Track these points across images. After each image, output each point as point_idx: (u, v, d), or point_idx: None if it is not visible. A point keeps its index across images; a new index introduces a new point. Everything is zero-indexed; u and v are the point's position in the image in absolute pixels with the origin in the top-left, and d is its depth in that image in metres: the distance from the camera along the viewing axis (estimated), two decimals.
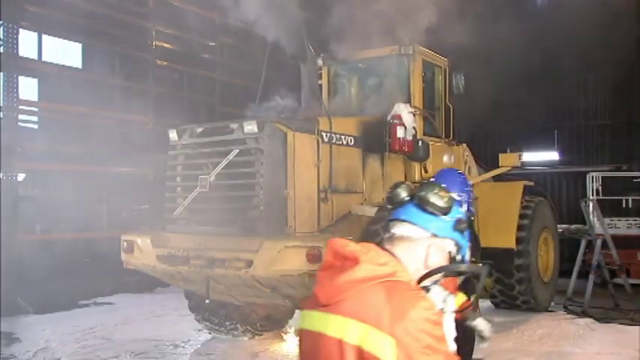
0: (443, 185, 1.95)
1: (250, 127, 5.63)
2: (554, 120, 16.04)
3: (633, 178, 13.15)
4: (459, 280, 3.20)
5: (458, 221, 1.90)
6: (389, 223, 1.94)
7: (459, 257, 1.93)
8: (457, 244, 1.91)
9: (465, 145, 8.70)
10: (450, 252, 1.91)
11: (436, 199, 1.86)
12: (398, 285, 1.70)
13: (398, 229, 1.90)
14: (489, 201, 8.47)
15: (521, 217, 8.68)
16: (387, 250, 1.85)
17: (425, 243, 1.86)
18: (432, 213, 1.86)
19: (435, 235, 1.87)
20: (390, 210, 1.98)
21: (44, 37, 11.87)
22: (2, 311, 8.26)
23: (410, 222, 1.88)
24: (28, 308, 8.92)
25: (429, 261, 1.86)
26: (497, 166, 8.75)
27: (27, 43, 10.91)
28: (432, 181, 2.03)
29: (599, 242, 9.31)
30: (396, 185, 1.99)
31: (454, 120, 8.19)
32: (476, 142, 9.72)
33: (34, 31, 11.35)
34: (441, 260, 1.88)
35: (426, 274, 1.86)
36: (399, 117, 6.94)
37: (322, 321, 1.72)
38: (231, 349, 6.87)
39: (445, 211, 1.87)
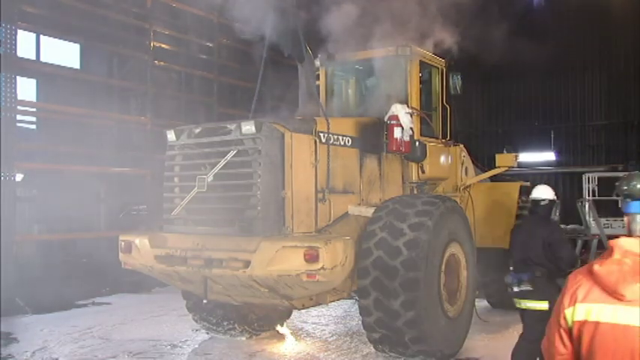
0: None
1: (248, 127, 5.66)
2: (550, 121, 16.10)
3: None
4: None
5: None
6: (635, 216, 2.06)
7: None
8: None
9: (462, 145, 8.74)
10: None
11: None
12: None
13: None
14: (486, 201, 8.52)
15: (518, 217, 8.72)
16: None
17: None
18: None
19: None
20: (625, 202, 2.10)
21: (42, 37, 11.89)
22: (1, 311, 8.27)
23: None
24: (27, 308, 8.94)
25: None
26: (494, 167, 8.79)
27: (25, 43, 10.93)
28: None
29: (595, 242, 9.37)
30: (631, 177, 2.10)
31: (451, 120, 8.23)
32: (472, 142, 9.75)
33: (33, 31, 11.37)
34: None
35: None
36: (396, 118, 6.98)
37: (628, 314, 1.88)
38: (228, 349, 6.89)
39: None
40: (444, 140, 8.08)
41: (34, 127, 12.70)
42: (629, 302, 1.89)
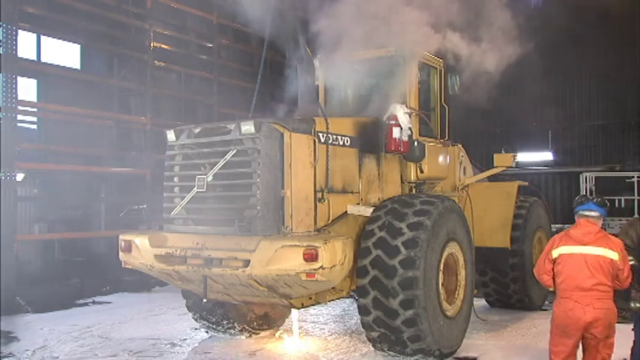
0: None
1: (247, 127, 5.69)
2: (548, 121, 16.15)
3: (626, 178, 13.25)
4: None
5: None
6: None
7: None
8: None
9: (460, 145, 8.78)
10: None
11: None
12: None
13: None
14: (484, 201, 8.56)
15: (516, 217, 8.79)
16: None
17: None
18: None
19: None
20: None
21: (43, 38, 11.92)
22: (1, 310, 8.32)
23: None
24: (27, 307, 8.98)
25: None
26: (492, 167, 8.83)
27: (26, 44, 10.96)
28: None
29: None
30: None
31: (449, 120, 8.27)
32: (471, 142, 9.79)
33: (33, 32, 11.40)
34: None
35: None
36: (395, 118, 7.01)
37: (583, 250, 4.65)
38: (228, 348, 6.93)
39: None
40: (442, 140, 8.12)
41: (34, 127, 12.72)
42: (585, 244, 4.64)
